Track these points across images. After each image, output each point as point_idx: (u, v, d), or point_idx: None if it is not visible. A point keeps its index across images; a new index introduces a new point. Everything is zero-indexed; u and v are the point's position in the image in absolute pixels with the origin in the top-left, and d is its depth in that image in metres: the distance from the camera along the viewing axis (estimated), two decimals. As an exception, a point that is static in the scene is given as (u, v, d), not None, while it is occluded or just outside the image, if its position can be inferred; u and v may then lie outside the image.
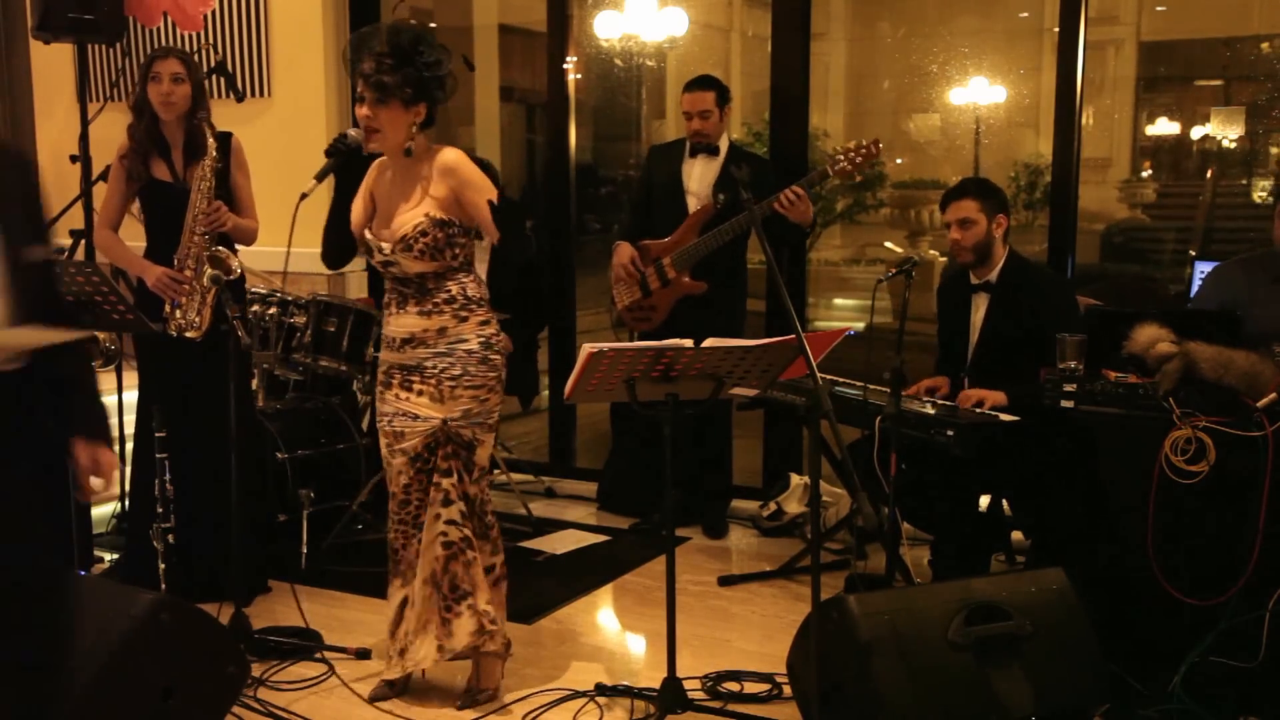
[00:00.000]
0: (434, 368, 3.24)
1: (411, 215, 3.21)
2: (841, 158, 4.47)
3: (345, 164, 3.23)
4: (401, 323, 3.27)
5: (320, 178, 3.14)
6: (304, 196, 3.09)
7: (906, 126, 11.03)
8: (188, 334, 3.94)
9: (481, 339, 3.27)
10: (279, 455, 4.59)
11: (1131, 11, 10.50)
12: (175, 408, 3.81)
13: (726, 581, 4.36)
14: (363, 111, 3.16)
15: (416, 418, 3.25)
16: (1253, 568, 3.04)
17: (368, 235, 3.28)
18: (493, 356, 3.28)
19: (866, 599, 2.90)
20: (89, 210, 4.79)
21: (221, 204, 3.97)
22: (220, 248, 3.95)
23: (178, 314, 3.94)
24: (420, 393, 3.25)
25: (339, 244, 3.35)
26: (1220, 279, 3.93)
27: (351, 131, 3.18)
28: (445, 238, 3.20)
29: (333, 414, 4.93)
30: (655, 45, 9.29)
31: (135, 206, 4.12)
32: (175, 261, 3.94)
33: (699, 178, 4.83)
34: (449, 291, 3.25)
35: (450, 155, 3.23)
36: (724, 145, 4.84)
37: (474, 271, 3.33)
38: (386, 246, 3.22)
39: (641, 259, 4.82)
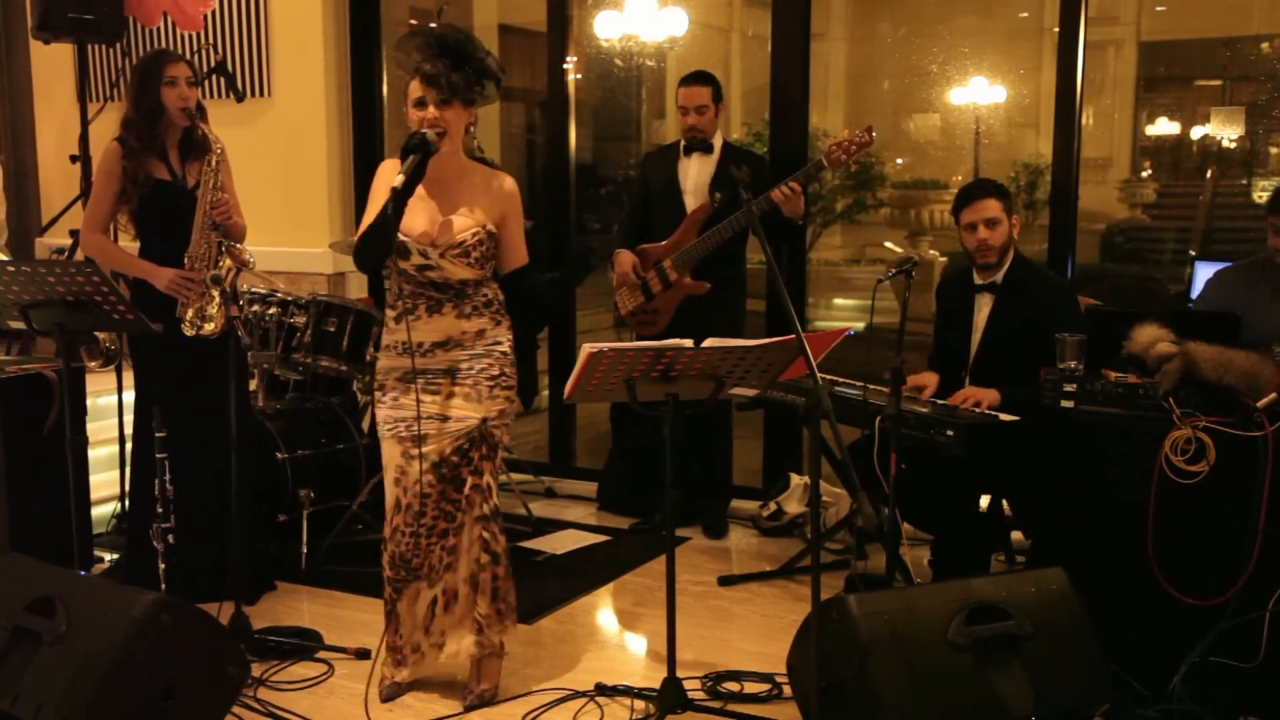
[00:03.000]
0: (470, 369, 3.25)
1: (468, 223, 3.24)
2: (836, 148, 4.47)
3: (421, 165, 3.12)
4: (435, 326, 3.25)
5: (409, 173, 3.06)
6: (397, 191, 3.03)
7: (906, 126, 11.03)
8: (204, 330, 3.93)
9: (510, 342, 3.35)
10: (279, 455, 4.59)
11: (1131, 11, 10.51)
12: (173, 407, 3.81)
13: (726, 581, 4.36)
14: (430, 113, 3.15)
15: (447, 419, 3.24)
16: (1253, 568, 3.03)
17: (403, 238, 3.22)
18: (515, 360, 3.36)
19: (866, 599, 2.89)
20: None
21: (226, 195, 3.98)
22: (234, 243, 3.97)
23: (190, 313, 3.93)
24: (451, 395, 3.25)
25: (389, 247, 3.17)
26: (1221, 284, 3.94)
27: (426, 131, 3.12)
28: (493, 249, 3.29)
29: (333, 414, 4.93)
30: (655, 45, 9.29)
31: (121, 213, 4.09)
32: (186, 260, 3.94)
33: (695, 177, 4.83)
34: (485, 296, 3.30)
35: (512, 183, 3.35)
36: (718, 143, 4.85)
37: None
38: (433, 252, 3.22)
39: (641, 264, 4.83)
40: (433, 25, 3.35)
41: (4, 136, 6.59)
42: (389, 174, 3.25)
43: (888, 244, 10.36)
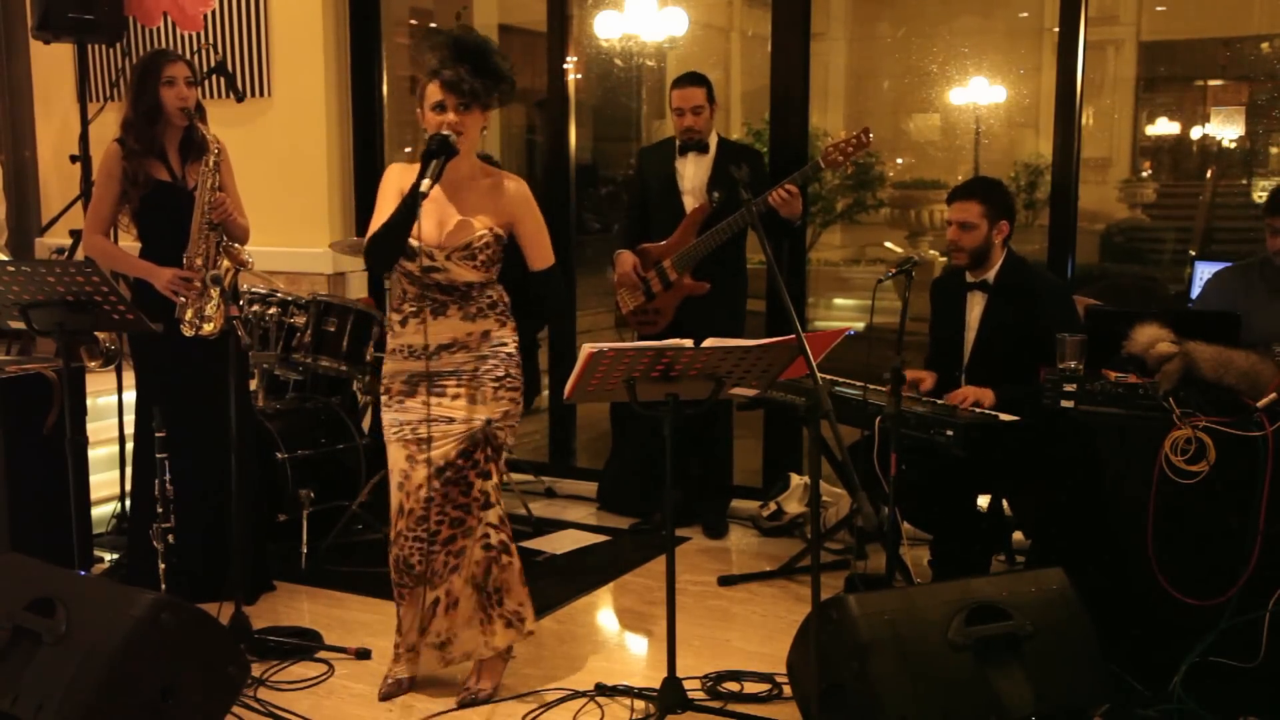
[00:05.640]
0: (474, 370, 3.26)
1: (476, 225, 3.24)
2: (833, 149, 4.47)
3: (441, 168, 3.12)
4: (441, 328, 3.25)
5: (434, 176, 3.06)
6: (424, 196, 3.03)
7: (906, 126, 11.04)
8: (204, 330, 3.93)
9: (516, 344, 3.36)
10: (279, 455, 4.59)
11: (1131, 11, 10.51)
12: (174, 407, 3.81)
13: (726, 581, 4.36)
14: (449, 118, 3.15)
15: (453, 421, 3.24)
16: (1253, 568, 3.03)
17: (411, 241, 3.19)
18: (520, 362, 3.37)
19: (866, 599, 2.89)
20: (89, 210, 4.79)
21: (223, 195, 3.98)
22: (233, 243, 3.97)
23: (189, 314, 3.93)
24: (456, 396, 3.25)
25: (403, 248, 3.19)
26: (1220, 284, 3.94)
27: (448, 133, 3.13)
28: (499, 253, 3.29)
29: (333, 414, 4.93)
30: (655, 45, 9.30)
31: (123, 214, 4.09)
32: (185, 260, 3.94)
33: (692, 176, 4.84)
34: (490, 297, 3.31)
35: (521, 185, 3.34)
36: (713, 142, 4.85)
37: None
38: (439, 254, 3.22)
39: (642, 264, 4.83)
40: (437, 27, 3.35)
41: (4, 136, 6.59)
42: (397, 177, 3.27)
43: (888, 244, 10.36)
